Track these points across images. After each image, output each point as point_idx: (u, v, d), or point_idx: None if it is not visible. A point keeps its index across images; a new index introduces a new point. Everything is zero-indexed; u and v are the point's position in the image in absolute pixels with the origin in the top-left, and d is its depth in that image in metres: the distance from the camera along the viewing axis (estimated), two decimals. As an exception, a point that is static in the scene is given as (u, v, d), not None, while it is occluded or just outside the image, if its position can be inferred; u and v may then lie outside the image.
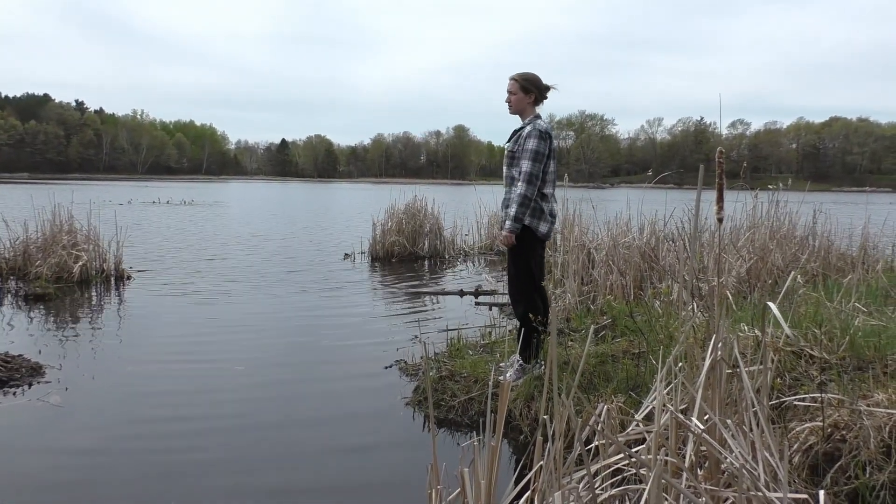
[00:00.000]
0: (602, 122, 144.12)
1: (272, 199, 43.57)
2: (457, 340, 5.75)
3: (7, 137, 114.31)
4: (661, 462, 1.76)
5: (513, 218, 4.49)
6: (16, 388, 4.85)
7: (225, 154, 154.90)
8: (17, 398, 4.67)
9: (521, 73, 4.69)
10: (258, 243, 15.53)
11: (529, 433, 4.03)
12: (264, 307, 8.09)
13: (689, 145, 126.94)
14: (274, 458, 3.82)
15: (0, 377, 4.91)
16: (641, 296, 6.65)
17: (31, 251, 9.76)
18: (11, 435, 4.07)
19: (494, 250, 13.79)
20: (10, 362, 5.15)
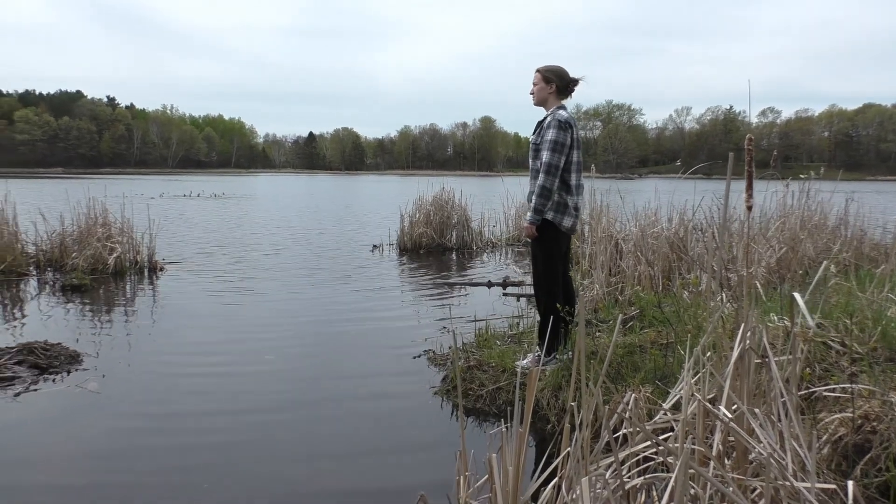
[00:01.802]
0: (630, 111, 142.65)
1: (300, 192, 43.92)
2: (485, 331, 5.78)
3: (42, 133, 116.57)
4: (688, 450, 1.77)
5: (533, 210, 4.51)
6: (55, 374, 4.99)
7: (253, 147, 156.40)
8: (56, 384, 4.81)
9: (547, 65, 4.70)
10: (287, 235, 15.69)
11: (557, 422, 4.05)
12: (293, 298, 8.19)
13: (719, 134, 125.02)
14: (301, 448, 3.89)
15: (41, 364, 5.06)
16: (670, 286, 6.62)
17: (68, 243, 9.99)
18: (52, 419, 4.20)
19: (522, 241, 13.77)
20: (50, 350, 5.30)
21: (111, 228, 10.09)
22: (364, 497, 3.34)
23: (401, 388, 4.85)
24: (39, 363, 5.09)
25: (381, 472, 3.60)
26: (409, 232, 13.12)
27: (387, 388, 4.88)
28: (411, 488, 3.23)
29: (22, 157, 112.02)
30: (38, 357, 5.17)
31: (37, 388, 4.71)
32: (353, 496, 3.34)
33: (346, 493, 3.36)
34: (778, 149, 31.51)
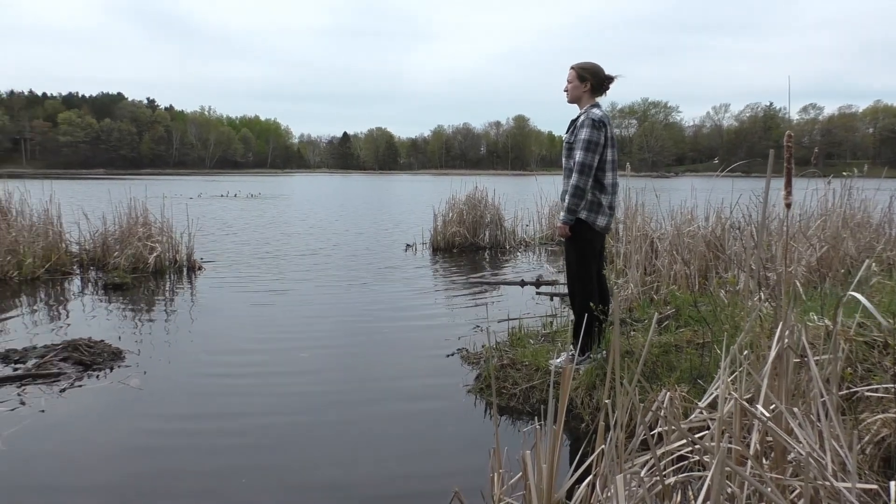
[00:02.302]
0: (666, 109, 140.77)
1: (335, 192, 44.28)
2: (518, 330, 5.78)
3: (84, 135, 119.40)
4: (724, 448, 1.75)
5: (566, 209, 4.50)
6: (99, 371, 5.13)
7: (289, 148, 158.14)
8: (100, 380, 4.94)
9: (581, 62, 4.67)
10: (322, 235, 15.84)
11: (590, 421, 4.04)
12: (327, 296, 8.28)
13: (758, 132, 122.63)
14: (336, 444, 3.94)
15: (85, 361, 5.20)
16: (706, 286, 6.53)
17: (110, 243, 10.23)
18: (96, 414, 4.31)
19: (555, 241, 13.71)
20: (94, 347, 5.45)
21: (151, 228, 10.31)
22: (398, 493, 3.37)
23: (434, 387, 4.87)
24: (84, 360, 5.23)
25: (415, 468, 3.62)
26: (442, 231, 13.15)
27: (420, 387, 4.91)
28: (445, 485, 3.24)
29: (65, 158, 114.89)
30: (83, 354, 5.31)
31: (81, 384, 4.84)
32: (387, 492, 3.37)
33: (381, 490, 3.39)
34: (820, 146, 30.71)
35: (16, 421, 4.13)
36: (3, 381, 4.81)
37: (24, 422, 4.12)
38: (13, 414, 4.25)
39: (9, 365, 5.19)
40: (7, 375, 4.92)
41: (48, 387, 4.77)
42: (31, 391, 4.67)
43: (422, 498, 3.30)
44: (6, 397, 4.54)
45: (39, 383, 4.82)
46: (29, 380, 4.86)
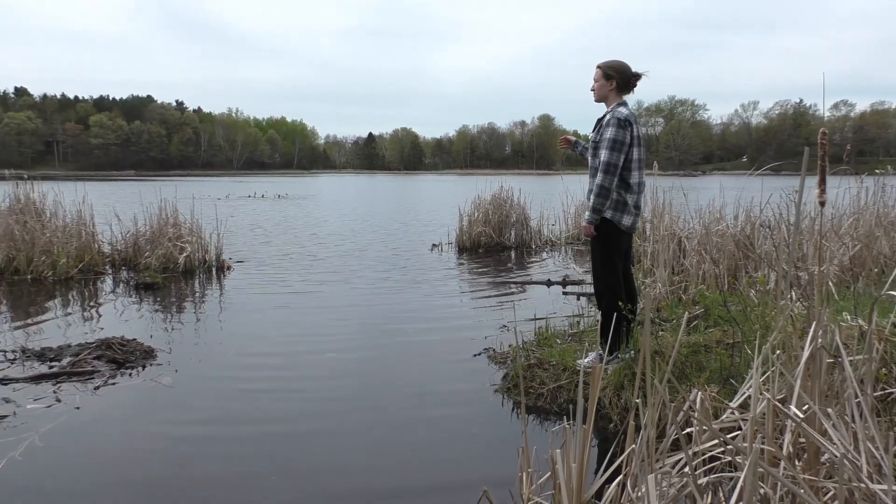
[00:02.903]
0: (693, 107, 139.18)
1: (361, 192, 44.50)
2: (545, 329, 5.76)
3: (115, 137, 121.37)
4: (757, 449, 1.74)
5: (591, 209, 4.47)
6: (131, 369, 5.22)
7: (315, 149, 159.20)
8: (132, 378, 5.03)
9: (607, 60, 4.65)
10: (348, 235, 15.94)
11: (619, 422, 4.02)
12: (354, 296, 8.33)
13: (787, 129, 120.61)
14: (364, 442, 3.96)
15: (118, 359, 5.30)
16: (735, 285, 6.46)
17: (141, 243, 10.40)
18: (129, 412, 4.39)
19: (581, 240, 13.64)
20: (126, 345, 5.55)
21: (181, 229, 10.45)
22: (426, 492, 3.38)
23: (461, 386, 4.88)
24: (117, 358, 5.32)
25: (442, 468, 3.63)
26: (467, 231, 13.16)
27: (447, 386, 4.92)
28: (473, 483, 3.25)
29: (96, 160, 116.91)
30: (116, 352, 5.41)
31: (115, 382, 4.93)
32: (415, 491, 3.38)
33: (409, 489, 3.41)
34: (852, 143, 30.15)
35: (52, 417, 4.22)
36: (39, 379, 4.93)
37: (59, 418, 4.21)
38: (49, 411, 4.34)
39: (45, 363, 5.30)
40: (43, 373, 5.03)
41: (83, 384, 4.87)
42: (66, 388, 4.77)
43: (450, 497, 3.31)
44: (43, 394, 4.64)
45: (74, 381, 4.92)
46: (64, 377, 4.97)
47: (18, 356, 5.46)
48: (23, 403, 4.46)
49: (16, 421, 4.17)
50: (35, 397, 4.58)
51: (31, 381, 4.89)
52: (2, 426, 4.09)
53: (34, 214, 9.93)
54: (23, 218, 9.78)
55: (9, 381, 4.87)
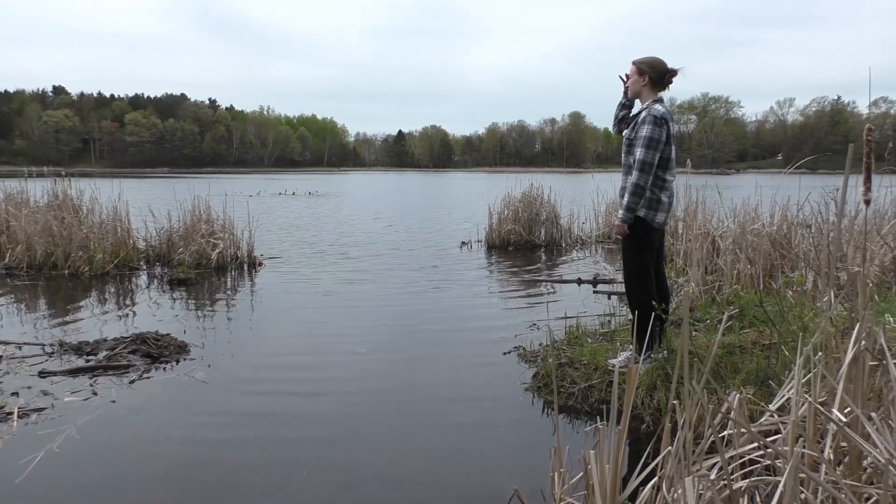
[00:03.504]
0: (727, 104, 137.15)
1: (390, 190, 44.65)
2: (575, 328, 5.71)
3: (149, 135, 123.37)
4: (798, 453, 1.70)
5: (625, 207, 4.42)
6: (165, 363, 5.29)
7: (345, 146, 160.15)
8: (166, 373, 5.10)
9: (642, 56, 4.59)
10: (377, 232, 16.00)
11: (651, 423, 3.97)
12: (384, 293, 8.35)
13: (825, 127, 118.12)
14: (393, 440, 3.96)
15: (152, 353, 5.38)
16: (771, 285, 6.34)
17: (175, 240, 10.55)
18: (163, 406, 4.45)
19: (612, 239, 13.52)
20: (161, 340, 5.63)
21: (214, 225, 10.58)
22: (456, 490, 3.37)
23: (491, 384, 4.86)
24: (151, 353, 5.40)
25: (472, 466, 3.62)
26: (497, 229, 13.11)
27: (477, 384, 4.90)
28: (503, 483, 3.24)
29: (131, 157, 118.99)
30: (150, 347, 5.50)
31: (149, 376, 5.00)
32: (445, 489, 3.37)
33: (439, 486, 3.40)
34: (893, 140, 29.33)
35: (89, 410, 4.29)
36: (77, 372, 5.02)
37: (96, 411, 4.28)
38: (86, 404, 4.42)
39: (82, 356, 5.40)
40: (80, 367, 5.12)
41: (118, 378, 4.95)
42: (102, 382, 4.85)
43: (480, 496, 3.29)
44: (80, 388, 4.73)
45: (110, 375, 5.01)
46: (101, 371, 5.05)
47: (56, 350, 5.57)
48: (61, 396, 4.54)
49: (54, 413, 4.25)
50: (72, 390, 4.67)
51: (69, 375, 4.98)
52: (41, 418, 4.17)
53: (72, 211, 10.13)
54: (61, 214, 9.98)
55: (47, 374, 4.97)
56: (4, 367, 5.17)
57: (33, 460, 3.57)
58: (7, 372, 5.05)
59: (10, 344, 5.73)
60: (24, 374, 5.02)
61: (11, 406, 4.29)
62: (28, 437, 3.90)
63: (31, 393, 4.60)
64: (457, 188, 47.21)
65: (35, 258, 9.70)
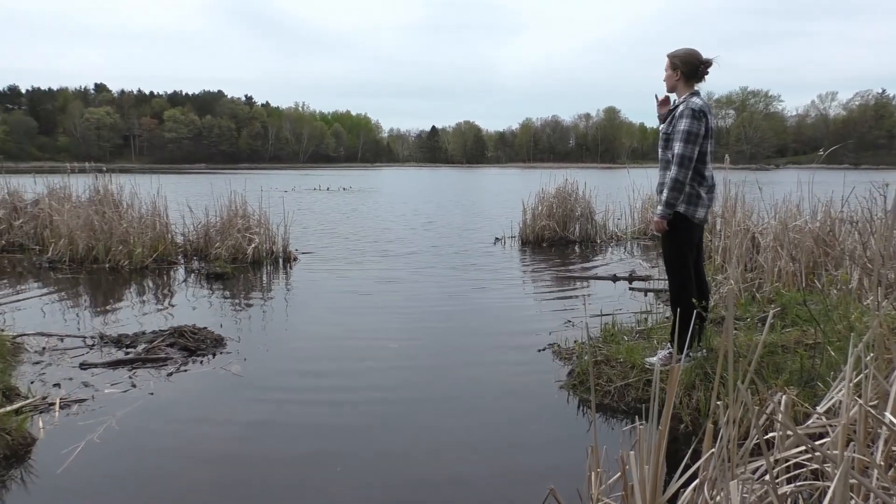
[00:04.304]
0: (766, 98, 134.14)
1: (423, 185, 44.70)
2: (611, 326, 5.63)
3: (187, 132, 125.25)
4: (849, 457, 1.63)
5: (664, 203, 4.33)
6: (202, 356, 5.35)
7: (378, 142, 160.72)
8: (203, 366, 5.16)
9: (675, 50, 4.49)
10: (411, 227, 16.02)
11: (690, 423, 3.89)
12: (417, 289, 8.35)
13: (868, 121, 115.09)
14: (427, 437, 3.95)
15: (190, 346, 5.45)
16: (814, 283, 6.18)
17: (211, 234, 10.69)
18: (200, 399, 4.50)
19: (649, 235, 13.34)
20: (198, 334, 5.69)
21: (250, 220, 10.69)
22: (491, 488, 3.34)
23: (526, 381, 4.82)
24: (188, 346, 5.47)
25: (507, 464, 3.58)
26: (531, 224, 13.03)
27: (512, 381, 4.86)
28: (539, 481, 3.20)
29: (170, 153, 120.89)
30: (188, 340, 5.56)
31: (186, 369, 5.07)
32: (480, 486, 3.34)
33: (473, 483, 3.37)
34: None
35: (128, 402, 4.36)
36: (116, 365, 5.10)
37: (135, 403, 4.35)
38: (125, 395, 4.49)
39: (121, 349, 5.50)
40: (120, 359, 5.21)
41: (156, 370, 5.02)
42: (141, 374, 4.93)
43: (515, 494, 3.26)
44: (119, 379, 4.80)
45: (149, 367, 5.08)
46: (139, 363, 5.13)
47: (97, 342, 5.67)
48: (101, 388, 4.62)
49: (94, 405, 4.32)
50: (112, 382, 4.75)
51: (109, 367, 5.07)
52: (82, 409, 4.25)
53: (112, 206, 10.33)
54: (102, 209, 10.18)
55: (88, 366, 5.06)
56: (47, 358, 5.28)
57: (74, 450, 3.63)
58: (50, 363, 5.16)
59: (53, 336, 5.85)
60: (65, 365, 5.12)
61: (54, 397, 4.38)
62: (69, 427, 3.97)
63: (73, 384, 4.69)
64: (489, 184, 47.07)
65: (77, 252, 9.92)
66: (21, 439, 3.67)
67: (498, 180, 53.72)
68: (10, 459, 3.51)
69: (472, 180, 55.37)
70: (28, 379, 4.75)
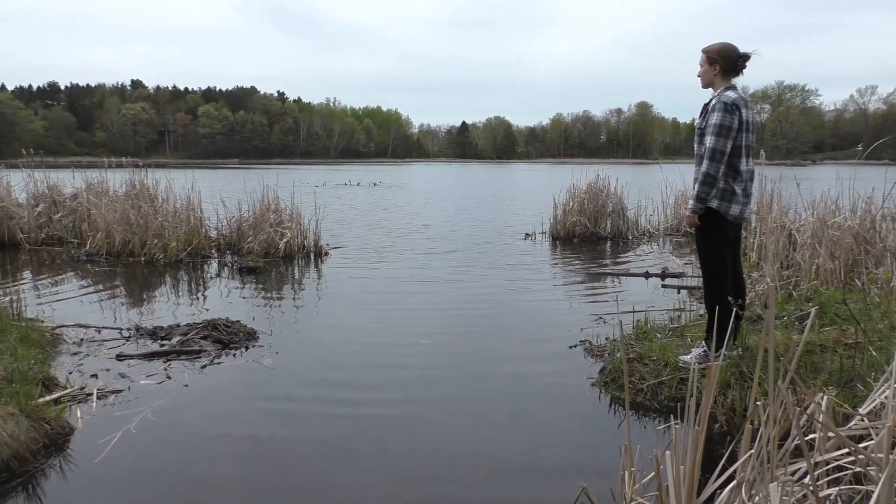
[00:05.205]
0: (803, 93, 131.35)
1: (453, 180, 44.68)
2: (643, 323, 5.57)
3: (221, 127, 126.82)
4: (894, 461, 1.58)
5: (695, 197, 4.28)
6: (235, 349, 5.41)
7: (409, 137, 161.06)
8: (236, 359, 5.22)
9: (711, 44, 4.42)
10: (441, 223, 16.01)
11: (725, 422, 3.83)
12: (447, 283, 8.34)
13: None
14: (458, 433, 3.94)
15: (223, 340, 5.51)
16: (854, 282, 6.04)
17: (244, 229, 10.81)
18: (233, 391, 4.55)
19: (682, 231, 13.17)
20: (231, 327, 5.76)
21: (282, 215, 10.79)
22: (522, 486, 3.32)
23: (557, 378, 4.79)
24: (222, 339, 5.54)
25: (538, 462, 3.56)
26: (562, 220, 12.94)
27: (543, 378, 4.83)
28: (571, 479, 3.18)
29: (204, 149, 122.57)
30: (221, 333, 5.63)
31: (220, 362, 5.13)
32: (510, 484, 3.33)
33: (504, 482, 3.35)
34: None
35: (163, 394, 4.43)
36: (152, 356, 5.19)
37: (170, 395, 4.41)
38: (161, 387, 4.56)
39: (156, 341, 5.59)
40: (155, 351, 5.29)
41: (191, 363, 5.09)
42: (175, 366, 5.00)
43: (546, 492, 3.24)
44: (155, 371, 4.88)
45: (183, 359, 5.15)
46: (174, 356, 5.21)
47: (133, 334, 5.77)
48: (137, 379, 4.70)
49: (130, 396, 4.40)
50: (148, 374, 4.82)
51: (145, 358, 5.15)
52: (118, 400, 4.33)
53: (148, 200, 10.51)
54: (138, 203, 10.36)
55: (124, 358, 5.15)
56: (85, 349, 5.39)
57: (111, 440, 3.70)
58: (87, 354, 5.27)
59: (91, 327, 5.97)
60: (102, 356, 5.22)
61: (91, 387, 4.47)
62: (106, 417, 4.05)
63: (109, 375, 4.77)
64: (519, 179, 46.87)
65: (113, 245, 10.11)
66: (60, 429, 3.74)
67: (528, 176, 53.48)
68: (50, 448, 3.59)
69: (501, 176, 55.20)
70: (66, 369, 4.86)
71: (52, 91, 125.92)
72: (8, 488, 3.20)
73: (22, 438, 3.46)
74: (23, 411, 3.60)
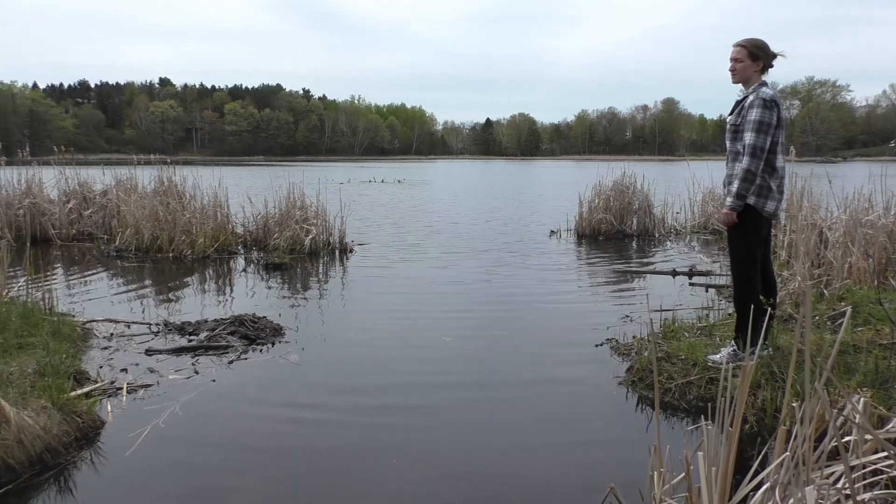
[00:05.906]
0: (834, 88, 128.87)
1: (477, 178, 44.61)
2: (671, 322, 5.51)
3: (247, 124, 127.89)
4: (936, 466, 1.54)
5: (734, 195, 4.20)
6: (262, 345, 5.45)
7: (433, 135, 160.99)
8: (262, 354, 5.26)
9: (748, 38, 4.34)
10: (466, 220, 15.99)
11: (755, 423, 3.78)
12: (471, 282, 8.32)
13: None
14: (484, 433, 3.93)
15: (250, 335, 5.56)
16: (888, 281, 5.91)
17: (270, 225, 10.89)
18: (260, 387, 4.59)
19: (709, 229, 13.00)
20: (257, 323, 5.80)
21: (307, 212, 10.84)
22: (549, 485, 3.30)
23: (583, 377, 4.76)
24: (249, 334, 5.58)
25: (564, 461, 3.54)
26: (587, 218, 12.85)
27: (569, 377, 4.80)
28: (598, 478, 3.15)
29: (230, 146, 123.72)
30: (248, 329, 5.68)
31: (247, 358, 5.17)
32: (537, 483, 3.31)
33: (532, 481, 3.33)
34: None
35: (191, 388, 4.47)
36: (180, 352, 5.24)
37: (198, 389, 4.46)
38: (188, 382, 4.61)
39: (184, 336, 5.65)
40: (183, 346, 5.35)
41: (218, 358, 5.13)
42: (203, 361, 5.05)
43: (574, 492, 3.21)
44: (182, 366, 4.93)
45: (210, 355, 5.20)
46: (201, 351, 5.26)
47: (161, 329, 5.84)
48: (165, 374, 4.76)
49: (159, 390, 4.45)
50: (176, 369, 4.88)
51: (173, 353, 5.21)
52: (147, 394, 4.38)
53: (176, 197, 10.64)
54: (166, 200, 10.50)
55: (153, 352, 5.21)
56: (115, 344, 5.47)
57: (141, 434, 3.75)
58: (117, 349, 5.34)
59: (120, 322, 6.06)
60: (132, 351, 5.29)
61: (121, 382, 4.53)
62: (136, 411, 4.10)
63: (139, 370, 4.83)
64: (545, 176, 46.65)
65: (142, 241, 10.25)
66: (91, 422, 3.80)
67: (552, 173, 53.20)
68: (81, 441, 3.64)
69: (525, 173, 54.97)
70: (97, 364, 4.93)
71: (83, 89, 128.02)
72: (41, 480, 3.25)
73: (54, 431, 3.52)
74: (55, 405, 3.66)
